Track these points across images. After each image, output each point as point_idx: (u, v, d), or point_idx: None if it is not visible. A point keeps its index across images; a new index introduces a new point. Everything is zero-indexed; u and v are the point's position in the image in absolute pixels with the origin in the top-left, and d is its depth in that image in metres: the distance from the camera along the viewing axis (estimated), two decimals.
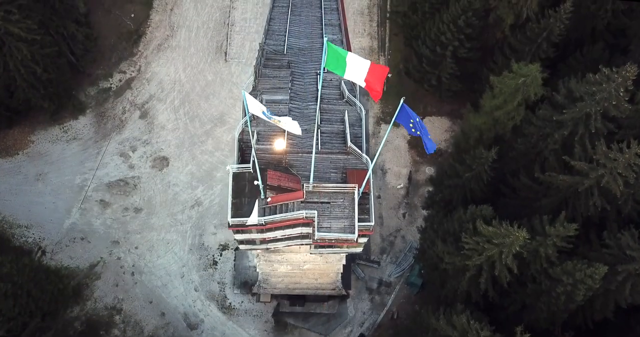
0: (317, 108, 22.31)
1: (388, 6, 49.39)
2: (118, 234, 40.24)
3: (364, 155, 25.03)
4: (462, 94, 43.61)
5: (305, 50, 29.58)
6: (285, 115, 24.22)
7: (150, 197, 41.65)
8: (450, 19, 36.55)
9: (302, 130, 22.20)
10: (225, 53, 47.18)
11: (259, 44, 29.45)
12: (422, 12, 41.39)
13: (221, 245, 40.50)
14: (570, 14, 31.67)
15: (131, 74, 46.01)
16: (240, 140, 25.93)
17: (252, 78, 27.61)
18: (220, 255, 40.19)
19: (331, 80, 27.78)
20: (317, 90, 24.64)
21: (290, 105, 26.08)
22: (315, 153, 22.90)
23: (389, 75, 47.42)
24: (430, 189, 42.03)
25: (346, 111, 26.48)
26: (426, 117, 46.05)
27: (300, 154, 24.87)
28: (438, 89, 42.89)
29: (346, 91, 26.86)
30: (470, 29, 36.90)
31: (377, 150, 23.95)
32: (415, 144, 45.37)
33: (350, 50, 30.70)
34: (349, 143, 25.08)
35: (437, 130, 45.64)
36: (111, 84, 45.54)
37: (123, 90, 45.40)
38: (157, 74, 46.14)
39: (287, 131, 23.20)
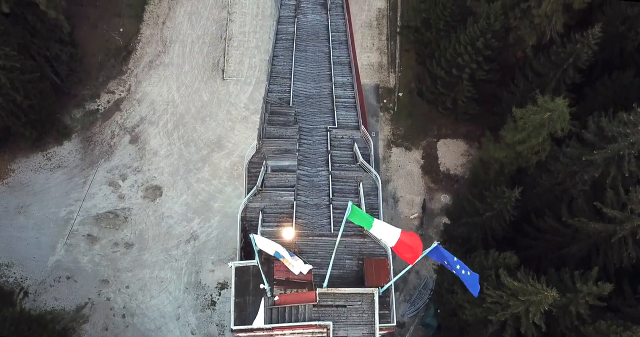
0: (329, 182, 21.91)
1: (398, 19, 49.55)
2: (107, 272, 40.23)
3: (382, 242, 23.20)
4: (480, 115, 43.80)
5: (313, 97, 29.10)
6: (293, 186, 23.38)
7: (142, 231, 41.66)
8: (467, 41, 36.66)
9: (312, 204, 21.95)
10: (223, 70, 47.29)
11: (263, 97, 29.00)
12: (436, 29, 41.50)
13: (220, 283, 40.53)
14: (599, 39, 31.78)
15: (120, 95, 46.09)
16: (243, 219, 24.69)
17: (256, 141, 26.74)
18: (219, 294, 40.19)
19: (342, 138, 27.24)
20: (328, 151, 24.45)
21: (298, 171, 25.21)
22: (328, 236, 22.30)
23: (400, 94, 47.70)
24: (446, 220, 42.17)
25: (361, 183, 25.10)
26: (440, 140, 46.22)
27: (311, 238, 23.47)
28: (453, 111, 43.00)
29: (359, 155, 25.84)
30: (490, 50, 37.01)
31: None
32: (429, 169, 45.58)
33: (362, 95, 30.52)
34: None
35: (452, 154, 45.80)
36: (98, 105, 45.61)
37: (111, 112, 45.47)
38: (149, 94, 46.22)
39: (296, 210, 22.70)
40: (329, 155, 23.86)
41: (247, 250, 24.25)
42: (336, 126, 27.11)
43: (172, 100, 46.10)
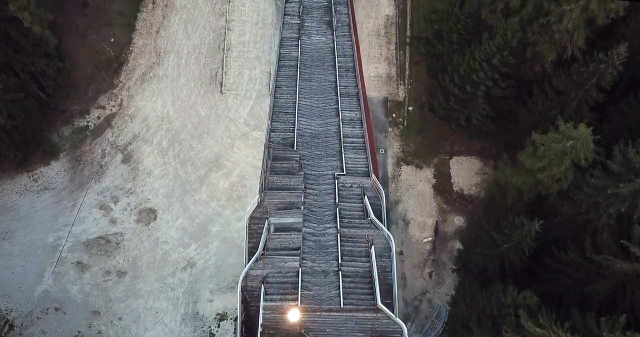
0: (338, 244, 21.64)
1: (408, 29, 49.67)
2: (98, 302, 40.32)
3: (397, 319, 22.46)
4: (495, 132, 43.98)
5: (319, 137, 28.52)
6: (298, 248, 22.82)
7: (135, 258, 41.77)
8: (482, 57, 36.81)
9: (320, 271, 21.60)
10: (221, 83, 47.44)
11: (265, 144, 28.11)
12: (448, 41, 41.66)
13: (219, 314, 40.64)
14: (624, 59, 31.92)
15: (111, 110, 46.22)
16: (243, 289, 24.04)
17: (257, 195, 25.83)
18: (218, 326, 40.32)
19: (351, 187, 26.39)
20: (335, 203, 24.14)
21: (304, 229, 24.27)
22: (337, 311, 21.78)
23: (410, 108, 47.85)
24: (460, 245, 42.32)
25: (372, 246, 24.27)
26: (453, 157, 46.40)
27: (318, 314, 22.63)
28: (467, 129, 43.15)
29: (370, 209, 25.03)
30: (506, 67, 37.15)
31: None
32: (442, 189, 45.72)
33: (372, 134, 29.87)
34: (379, 302, 22.47)
35: (465, 173, 45.96)
36: (88, 122, 45.73)
37: (102, 129, 45.59)
38: (142, 109, 46.36)
39: (302, 278, 22.32)
40: (337, 209, 23.41)
41: (248, 324, 23.63)
42: (344, 173, 26.54)
43: (167, 116, 46.23)
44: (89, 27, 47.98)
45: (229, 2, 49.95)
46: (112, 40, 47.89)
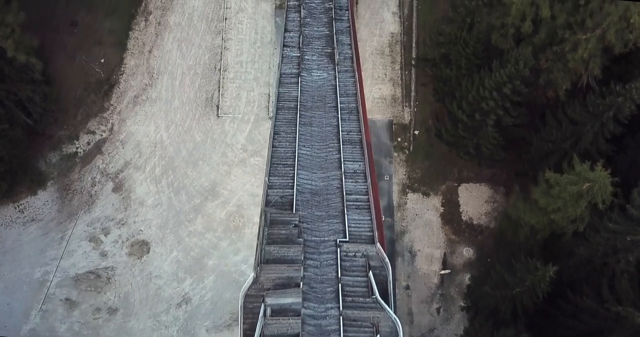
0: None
1: (413, 48, 49.66)
2: None
3: None
4: (506, 159, 43.96)
5: (320, 193, 27.54)
6: (297, 334, 21.84)
7: (127, 294, 41.62)
8: (493, 86, 36.77)
9: None
10: (217, 106, 47.40)
11: (261, 209, 27.01)
12: (456, 65, 41.61)
13: None
14: None
15: (102, 135, 46.14)
16: None
17: (253, 273, 24.53)
18: None
19: (354, 255, 25.14)
20: (338, 278, 23.27)
21: (304, 311, 22.95)
22: None
23: (416, 132, 47.81)
24: (470, 277, 42.27)
25: (378, 334, 22.81)
26: (462, 184, 46.35)
27: None
28: (476, 157, 43.08)
29: (375, 287, 23.82)
30: (518, 96, 37.10)
31: None
32: (450, 218, 45.66)
33: (376, 189, 28.69)
34: None
35: (475, 201, 45.91)
36: (77, 148, 45.64)
37: (92, 155, 45.50)
38: (134, 134, 46.28)
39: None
40: (339, 285, 22.61)
41: None
42: (347, 239, 25.71)
43: (160, 141, 46.14)
44: (78, 47, 47.92)
45: (226, 19, 49.93)
46: (102, 60, 47.82)
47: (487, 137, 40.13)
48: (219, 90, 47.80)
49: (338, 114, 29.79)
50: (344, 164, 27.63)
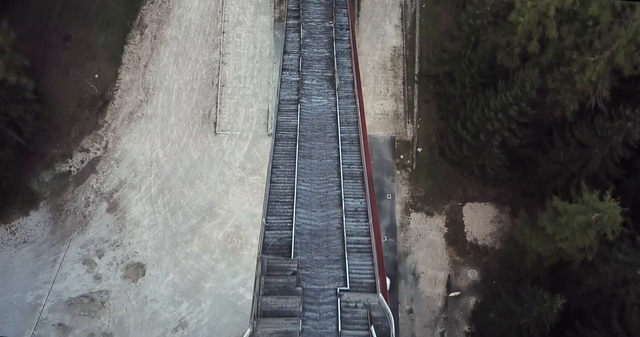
0: None
1: (416, 62, 49.60)
2: None
3: None
4: (512, 178, 43.89)
5: (320, 235, 26.77)
6: None
7: (122, 318, 41.48)
8: (498, 107, 36.71)
9: None
10: (215, 123, 47.29)
11: (257, 256, 26.11)
12: (460, 83, 41.53)
13: None
14: None
15: (96, 153, 46.02)
16: None
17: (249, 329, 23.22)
18: None
19: (355, 306, 24.29)
20: (338, 332, 22.56)
21: None
22: None
23: (419, 149, 47.72)
24: (474, 301, 42.18)
25: None
26: (466, 204, 46.25)
27: None
28: (481, 177, 43.00)
29: None
30: (525, 118, 37.04)
31: None
32: (455, 238, 45.57)
33: (378, 228, 27.71)
34: None
35: (480, 221, 45.82)
36: (71, 166, 45.51)
37: (86, 174, 45.37)
38: (129, 152, 46.16)
39: None
40: None
41: None
42: (348, 287, 24.68)
43: (156, 160, 46.02)
44: (72, 62, 47.80)
45: (223, 33, 49.86)
46: (96, 76, 47.71)
47: (493, 158, 40.06)
48: (217, 107, 47.68)
49: (339, 144, 29.40)
50: (344, 201, 27.06)
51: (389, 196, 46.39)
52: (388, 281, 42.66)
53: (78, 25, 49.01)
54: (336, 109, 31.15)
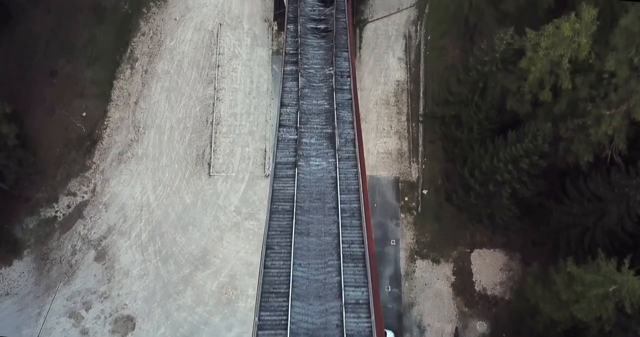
0: None
1: (421, 99, 49.22)
2: None
3: None
4: (522, 227, 43.43)
5: (318, 335, 25.09)
6: None
7: None
8: (508, 158, 36.29)
9: None
10: (209, 164, 46.90)
11: None
12: (467, 128, 41.12)
13: None
14: None
15: (83, 197, 45.60)
16: None
17: None
18: None
19: None
20: None
21: None
22: None
23: (424, 191, 47.29)
24: None
25: None
26: (475, 250, 45.83)
27: None
28: (490, 225, 42.56)
29: None
30: (537, 170, 36.64)
31: None
32: (462, 288, 45.10)
33: (381, 324, 26.75)
34: None
35: (489, 269, 45.39)
36: (56, 211, 45.08)
37: (72, 220, 44.96)
38: (118, 195, 45.74)
39: None
40: None
41: None
42: None
43: (147, 204, 45.60)
44: (58, 100, 47.48)
45: (218, 67, 49.52)
46: (84, 114, 47.37)
47: (502, 208, 39.61)
48: (211, 146, 47.28)
49: (338, 217, 28.59)
50: (344, 291, 26.12)
51: (392, 242, 45.95)
52: (392, 335, 42.29)
53: (65, 60, 48.68)
54: (336, 173, 30.42)
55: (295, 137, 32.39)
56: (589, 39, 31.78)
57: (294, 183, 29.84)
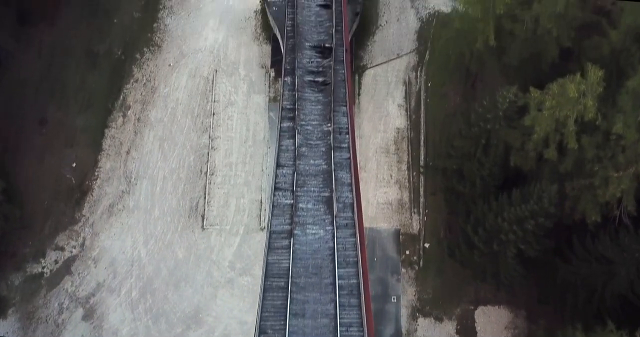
0: None
1: (422, 147, 49.00)
2: None
3: None
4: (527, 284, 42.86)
5: None
6: None
7: None
8: (513, 219, 35.93)
9: None
10: (203, 216, 46.32)
11: None
12: (470, 182, 40.84)
13: None
14: None
15: (71, 252, 44.93)
16: None
17: None
18: None
19: None
20: None
21: None
22: None
23: (426, 245, 46.77)
24: None
25: None
26: (479, 307, 45.09)
27: None
28: (494, 282, 41.98)
29: None
30: (542, 230, 36.24)
31: None
32: None
33: None
34: None
35: (494, 327, 44.67)
36: (43, 267, 44.36)
37: (60, 276, 44.20)
38: (108, 250, 45.06)
39: None
40: None
41: None
42: None
43: (137, 259, 44.90)
44: (47, 149, 47.10)
45: (213, 115, 49.30)
46: (74, 164, 46.95)
47: (507, 267, 39.08)
48: (205, 198, 46.79)
49: (336, 295, 27.79)
50: None
51: (393, 299, 45.21)
52: None
53: (55, 107, 48.46)
54: (334, 243, 29.69)
55: (291, 201, 31.77)
56: (595, 101, 31.65)
57: (289, 255, 29.13)
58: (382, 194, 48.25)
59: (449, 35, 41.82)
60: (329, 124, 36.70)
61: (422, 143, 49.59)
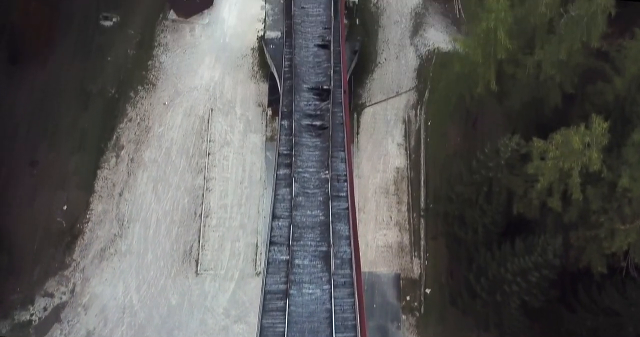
0: None
1: (422, 187, 48.70)
2: None
3: None
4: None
5: None
6: None
7: None
8: (516, 270, 35.51)
9: None
10: (197, 261, 45.77)
11: None
12: (472, 229, 40.48)
13: None
14: None
15: (61, 298, 44.23)
16: None
17: None
18: None
19: None
20: None
21: None
22: None
23: (427, 290, 46.20)
24: None
25: None
26: None
27: None
28: (497, 332, 41.40)
29: None
30: (547, 282, 35.80)
31: None
32: None
33: None
34: None
35: None
36: (32, 315, 43.62)
37: (49, 324, 43.43)
38: (99, 296, 44.37)
39: None
40: None
41: None
42: None
43: (129, 306, 44.20)
44: (38, 192, 46.62)
45: (209, 155, 48.99)
46: (65, 207, 46.44)
47: (511, 318, 38.56)
48: (199, 241, 46.29)
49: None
50: None
51: None
52: None
53: (46, 147, 48.08)
54: (331, 305, 29.08)
55: (287, 257, 31.18)
56: (600, 153, 31.42)
57: (285, 318, 28.45)
58: (382, 237, 47.80)
59: (449, 79, 41.70)
60: (327, 172, 36.37)
61: (422, 184, 49.28)
